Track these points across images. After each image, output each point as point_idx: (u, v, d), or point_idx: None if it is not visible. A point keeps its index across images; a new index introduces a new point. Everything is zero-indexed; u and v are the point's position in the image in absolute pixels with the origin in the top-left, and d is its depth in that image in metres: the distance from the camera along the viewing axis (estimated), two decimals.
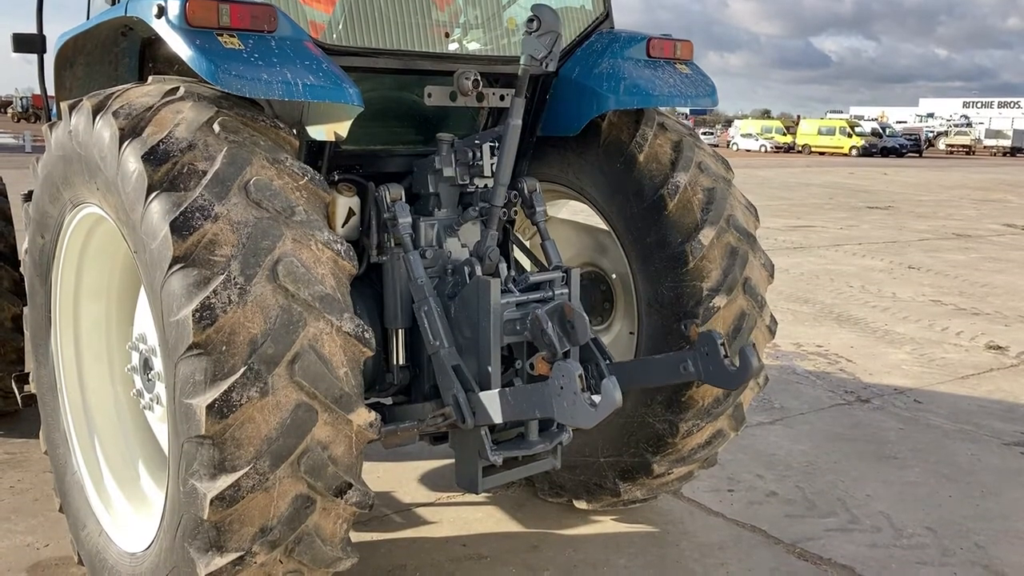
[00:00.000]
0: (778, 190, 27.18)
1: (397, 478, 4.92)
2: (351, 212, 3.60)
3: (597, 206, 4.20)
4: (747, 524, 4.51)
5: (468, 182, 3.70)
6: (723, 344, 3.27)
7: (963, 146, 73.83)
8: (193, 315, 2.55)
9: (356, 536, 4.24)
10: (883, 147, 62.23)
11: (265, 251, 2.67)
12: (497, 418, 3.19)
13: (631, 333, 4.22)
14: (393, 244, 3.54)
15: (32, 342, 3.79)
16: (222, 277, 2.59)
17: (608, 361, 3.65)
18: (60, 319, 3.63)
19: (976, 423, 6.16)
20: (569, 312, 3.31)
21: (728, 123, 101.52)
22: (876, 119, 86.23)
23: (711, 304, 3.81)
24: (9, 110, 76.04)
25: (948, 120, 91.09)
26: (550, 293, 3.56)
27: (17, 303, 4.99)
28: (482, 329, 3.34)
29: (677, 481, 4.28)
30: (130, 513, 3.43)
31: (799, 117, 79.59)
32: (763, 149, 68.39)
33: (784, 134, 71.15)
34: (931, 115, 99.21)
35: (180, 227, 2.62)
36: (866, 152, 60.90)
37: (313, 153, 3.50)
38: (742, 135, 73.07)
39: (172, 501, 2.80)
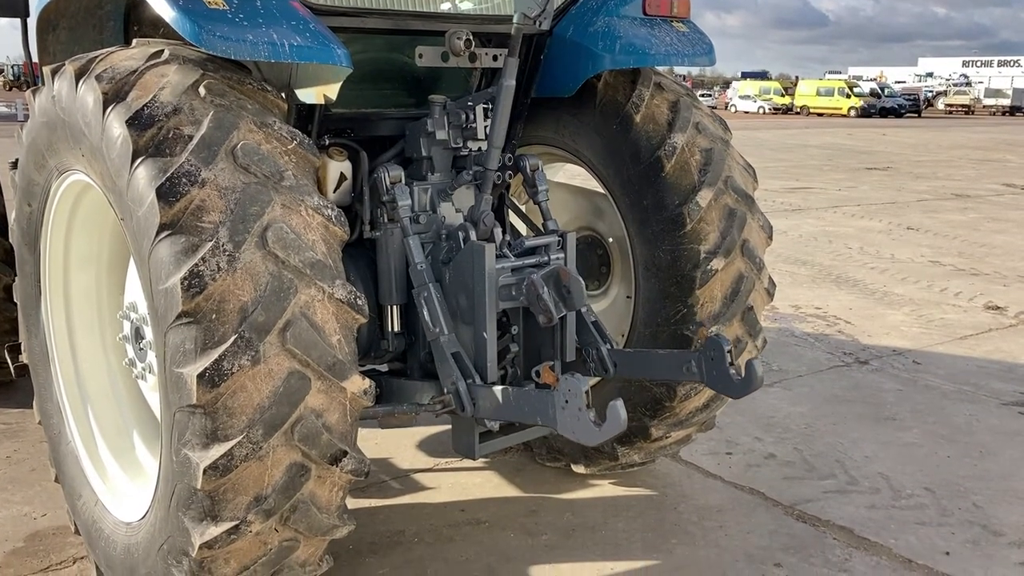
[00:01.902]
0: (776, 152, 27.04)
1: (395, 444, 4.90)
2: (342, 177, 3.54)
3: (593, 169, 4.15)
4: (745, 487, 4.50)
5: (461, 145, 3.63)
6: (730, 351, 3.24)
7: (962, 106, 73.47)
8: (182, 283, 2.50)
9: (354, 503, 4.26)
10: (882, 107, 61.92)
11: (254, 217, 2.62)
12: (497, 415, 3.16)
13: (628, 297, 4.19)
14: (387, 219, 3.48)
15: (23, 312, 3.75)
16: (210, 244, 2.54)
17: (609, 346, 3.61)
18: (50, 288, 3.58)
19: (975, 383, 6.15)
20: (565, 276, 3.27)
21: (726, 85, 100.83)
22: (875, 79, 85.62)
23: (709, 267, 3.77)
24: (0, 78, 75.31)
25: (947, 80, 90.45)
26: (546, 258, 3.51)
27: (9, 273, 4.94)
28: (477, 295, 3.29)
29: (675, 445, 4.27)
30: (125, 483, 3.41)
31: (797, 78, 79.08)
32: (761, 110, 68.02)
33: (782, 95, 70.72)
34: (930, 74, 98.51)
35: (166, 193, 2.56)
36: (865, 113, 60.60)
37: (302, 117, 3.43)
38: (740, 96, 72.64)
39: (165, 471, 2.78)
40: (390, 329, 3.60)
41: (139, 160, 2.63)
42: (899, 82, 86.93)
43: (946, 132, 41.00)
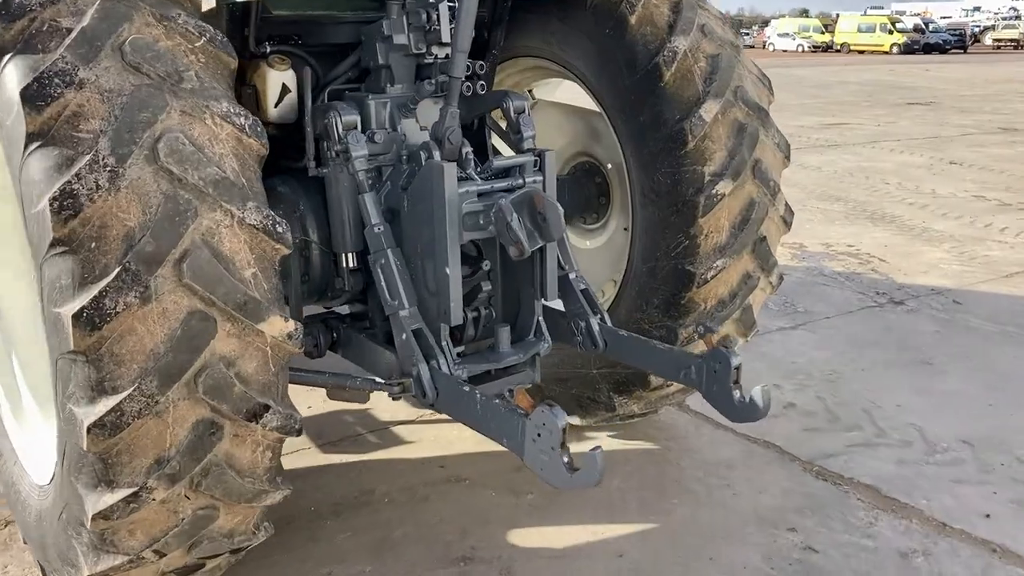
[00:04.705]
0: (814, 88, 26.00)
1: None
2: (285, 89, 3.08)
3: (586, 83, 3.64)
4: (759, 439, 4.04)
5: (424, 51, 3.13)
6: (738, 369, 2.77)
7: (1011, 40, 70.61)
8: (51, 204, 2.07)
9: (325, 459, 3.88)
10: (926, 43, 59.64)
11: (143, 125, 2.17)
12: (459, 417, 2.71)
13: (626, 229, 3.70)
14: (335, 152, 3.00)
15: None
16: (87, 158, 2.11)
17: (601, 319, 3.17)
18: None
19: (1020, 324, 5.59)
20: (539, 201, 2.79)
21: (764, 23, 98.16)
22: (919, 14, 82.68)
23: (714, 191, 3.27)
24: None
25: (996, 13, 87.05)
26: (520, 180, 3.02)
27: None
28: (437, 223, 2.83)
29: (678, 394, 3.81)
30: (43, 439, 3.03)
31: (837, 15, 76.57)
32: (800, 49, 66.01)
33: (822, 33, 68.53)
34: (977, 8, 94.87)
35: (34, 96, 2.12)
36: (907, 49, 58.46)
37: (236, 19, 2.97)
38: (779, 35, 70.56)
39: (59, 429, 2.38)
40: (345, 265, 3.16)
41: (6, 58, 2.19)
42: (944, 17, 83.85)
43: (993, 67, 39.30)
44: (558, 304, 3.24)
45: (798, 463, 3.84)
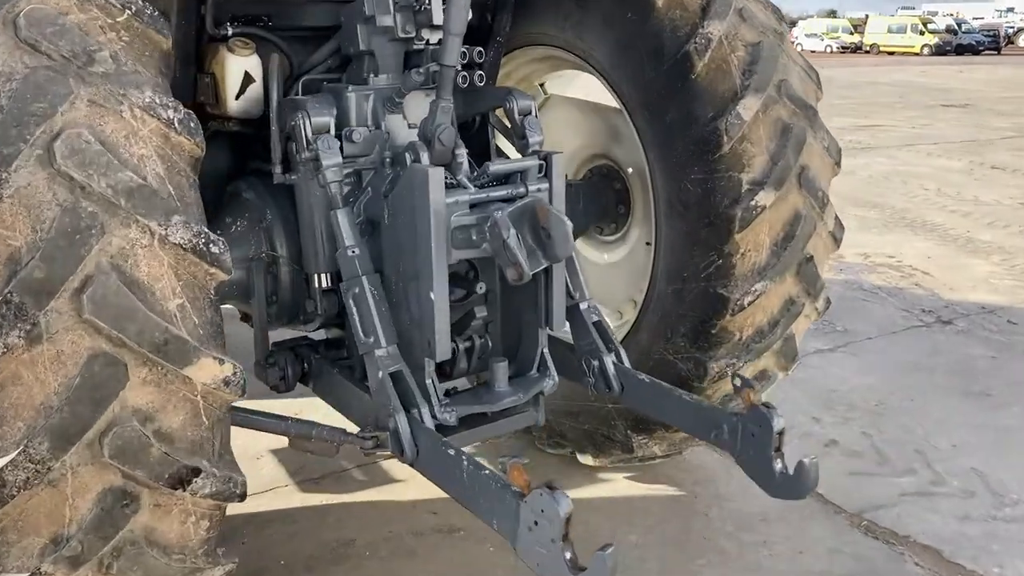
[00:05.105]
0: (844, 89, 25.28)
1: None
2: (248, 79, 2.62)
3: (605, 75, 3.15)
4: None
5: (413, 35, 2.66)
6: (781, 434, 2.27)
7: None
8: None
9: (301, 499, 3.43)
10: (958, 45, 58.49)
11: (37, 118, 1.72)
12: (442, 483, 2.22)
13: (648, 244, 3.22)
14: (305, 155, 2.53)
15: None
16: None
17: (616, 357, 2.70)
18: None
19: None
20: (543, 215, 2.30)
21: (792, 24, 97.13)
22: (951, 15, 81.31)
23: (753, 202, 2.78)
24: None
25: None
26: (521, 189, 2.54)
27: None
28: (420, 238, 2.36)
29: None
30: None
31: (867, 16, 75.45)
32: (828, 50, 65.01)
33: (851, 33, 67.50)
34: (1011, 9, 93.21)
35: None
36: (939, 51, 57.30)
37: None
38: (807, 35, 69.56)
39: None
40: (318, 286, 2.69)
41: None
42: (977, 18, 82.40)
43: None
44: (567, 333, 2.76)
45: (844, 516, 3.34)
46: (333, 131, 2.51)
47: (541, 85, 3.78)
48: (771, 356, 3.08)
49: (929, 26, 62.45)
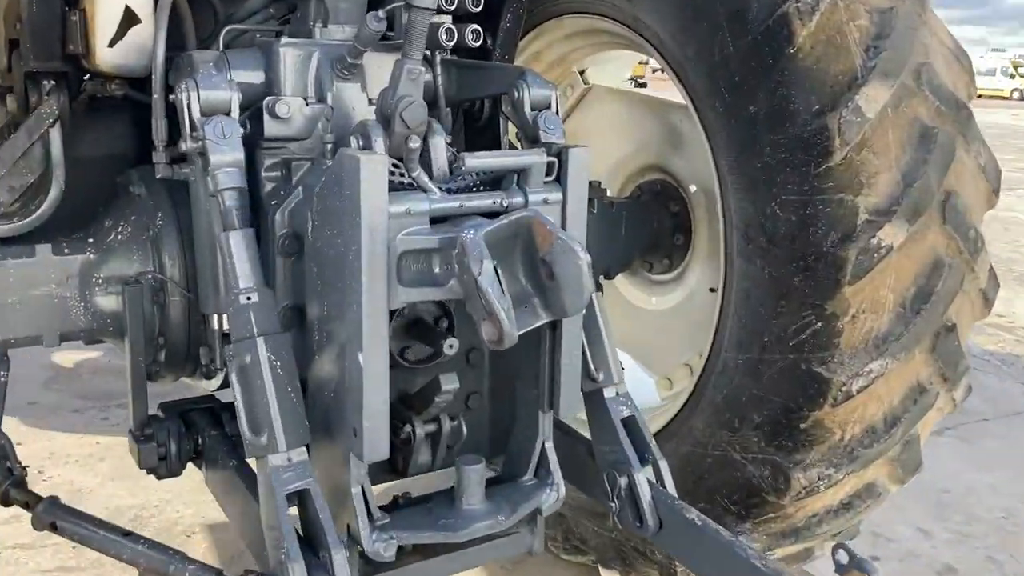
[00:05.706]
0: None
1: None
2: (132, 17, 1.79)
3: (664, 52, 2.25)
4: None
5: None
6: None
7: None
8: None
9: None
10: None
11: None
12: None
13: (712, 290, 2.32)
14: (190, 144, 1.66)
15: None
16: None
17: (656, 474, 1.81)
18: None
19: None
20: (544, 239, 1.43)
21: None
22: None
23: (875, 240, 1.86)
24: None
25: None
26: (517, 198, 1.64)
27: None
28: (348, 268, 1.49)
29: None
30: None
31: None
32: None
33: None
34: None
35: None
36: None
37: None
38: None
39: None
40: (217, 328, 1.83)
41: None
42: None
43: None
44: (582, 420, 1.87)
45: None
46: (236, 109, 1.65)
47: (581, 73, 2.91)
48: (884, 465, 2.13)
49: (1020, 69, 60.51)
